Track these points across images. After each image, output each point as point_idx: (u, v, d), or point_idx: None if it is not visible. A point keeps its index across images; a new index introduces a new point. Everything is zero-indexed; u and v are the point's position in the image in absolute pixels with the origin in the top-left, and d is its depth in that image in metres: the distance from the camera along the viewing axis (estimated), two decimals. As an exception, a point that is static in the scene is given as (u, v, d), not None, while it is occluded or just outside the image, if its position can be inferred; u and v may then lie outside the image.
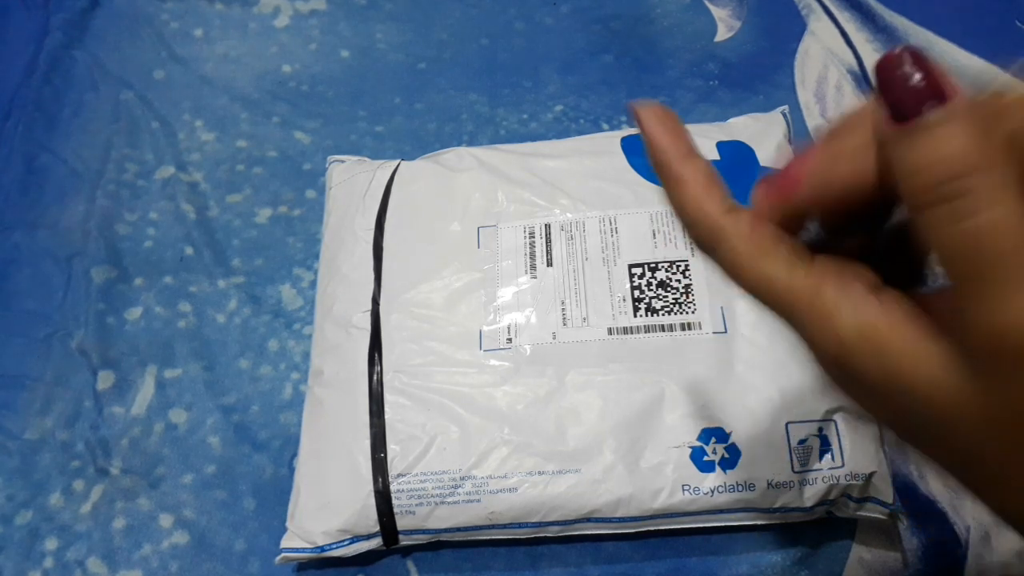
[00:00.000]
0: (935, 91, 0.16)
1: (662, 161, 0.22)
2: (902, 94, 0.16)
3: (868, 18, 0.60)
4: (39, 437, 0.45)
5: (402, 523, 0.39)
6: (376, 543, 0.39)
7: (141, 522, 0.43)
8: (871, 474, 0.38)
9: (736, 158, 0.46)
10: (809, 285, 0.20)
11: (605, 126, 0.55)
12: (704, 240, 0.21)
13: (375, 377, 0.41)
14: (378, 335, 0.42)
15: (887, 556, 0.40)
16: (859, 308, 0.19)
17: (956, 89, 0.16)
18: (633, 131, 0.48)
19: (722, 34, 0.60)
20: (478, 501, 0.38)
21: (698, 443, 0.38)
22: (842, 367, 0.20)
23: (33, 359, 0.48)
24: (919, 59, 0.16)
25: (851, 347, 0.19)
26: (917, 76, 0.16)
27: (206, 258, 0.51)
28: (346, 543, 0.39)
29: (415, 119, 0.56)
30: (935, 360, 0.18)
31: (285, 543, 0.39)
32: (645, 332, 0.41)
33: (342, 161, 0.50)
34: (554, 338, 0.41)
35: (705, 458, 0.38)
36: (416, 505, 0.38)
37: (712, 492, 0.38)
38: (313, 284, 0.49)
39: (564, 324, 0.41)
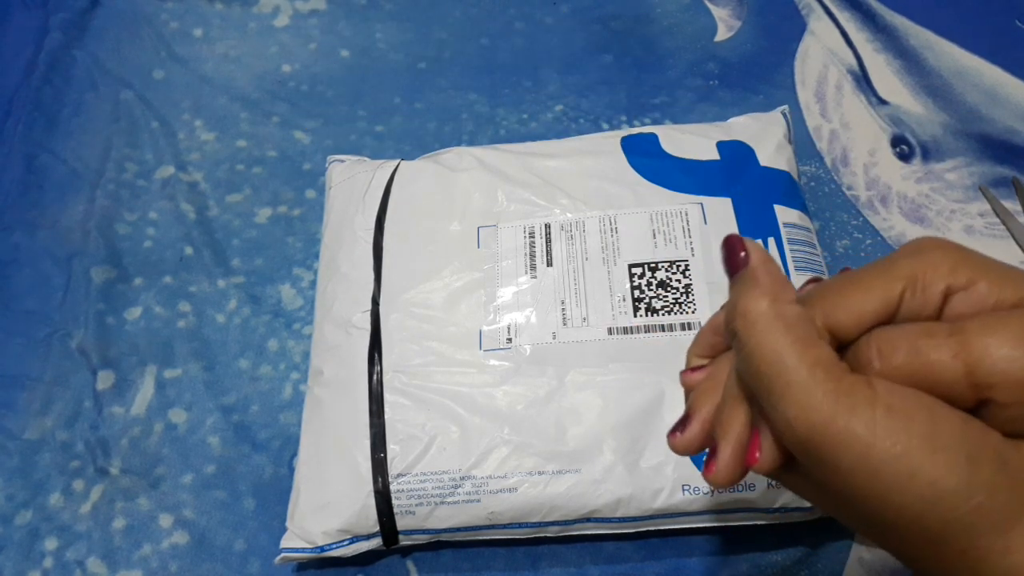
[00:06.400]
0: (743, 261, 0.23)
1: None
2: (730, 261, 0.24)
3: (868, 18, 0.60)
4: (39, 437, 0.45)
5: (402, 523, 0.39)
6: (376, 543, 0.39)
7: (141, 522, 0.43)
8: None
9: (736, 158, 0.46)
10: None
11: (605, 126, 0.55)
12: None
13: (375, 377, 0.41)
14: (378, 335, 0.42)
15: (887, 556, 0.40)
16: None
17: (750, 259, 0.23)
18: (633, 131, 0.48)
19: (722, 34, 0.60)
20: (478, 501, 0.38)
21: (698, 443, 0.38)
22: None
23: (33, 359, 0.48)
24: (741, 241, 0.24)
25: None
26: (740, 254, 0.23)
27: (206, 258, 0.51)
28: (346, 543, 0.39)
29: (415, 119, 0.56)
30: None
31: (285, 543, 0.39)
32: (645, 332, 0.41)
33: (342, 161, 0.50)
34: (554, 338, 0.41)
35: (705, 458, 0.38)
36: (416, 505, 0.38)
37: (712, 492, 0.38)
38: (313, 284, 0.49)
39: (564, 324, 0.41)
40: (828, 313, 0.22)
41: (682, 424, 0.25)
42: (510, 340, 0.41)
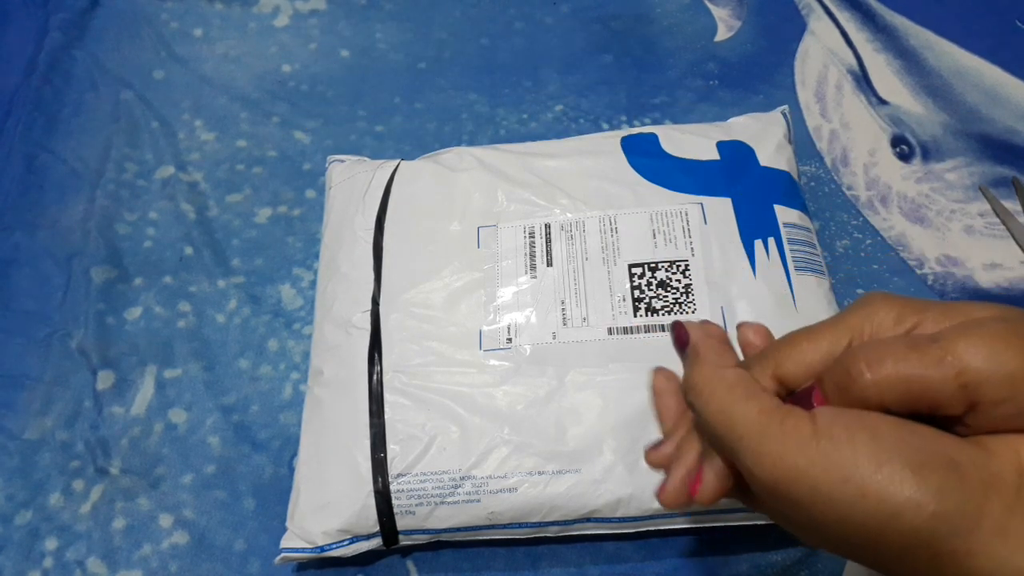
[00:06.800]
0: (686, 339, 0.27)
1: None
2: (677, 342, 0.27)
3: (868, 18, 0.60)
4: (39, 437, 0.45)
5: (402, 523, 0.39)
6: (376, 543, 0.39)
7: (141, 522, 0.43)
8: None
9: (736, 158, 0.46)
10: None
11: (605, 126, 0.55)
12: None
13: (375, 377, 0.41)
14: (378, 335, 0.42)
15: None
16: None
17: (690, 337, 0.27)
18: (633, 131, 0.48)
19: (722, 34, 0.60)
20: (478, 501, 0.38)
21: (698, 443, 0.38)
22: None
23: (33, 359, 0.48)
24: (681, 324, 0.27)
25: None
26: (676, 335, 0.27)
27: (206, 258, 0.51)
28: (346, 543, 0.39)
29: (415, 119, 0.56)
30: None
31: (285, 543, 0.39)
32: (645, 332, 0.41)
33: (342, 161, 0.50)
34: (554, 338, 0.41)
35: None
36: (416, 505, 0.38)
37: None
38: (313, 284, 0.49)
39: (564, 324, 0.41)
40: (779, 364, 0.24)
41: (658, 444, 0.28)
42: (510, 340, 0.41)
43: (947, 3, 0.60)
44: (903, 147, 0.54)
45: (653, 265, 0.42)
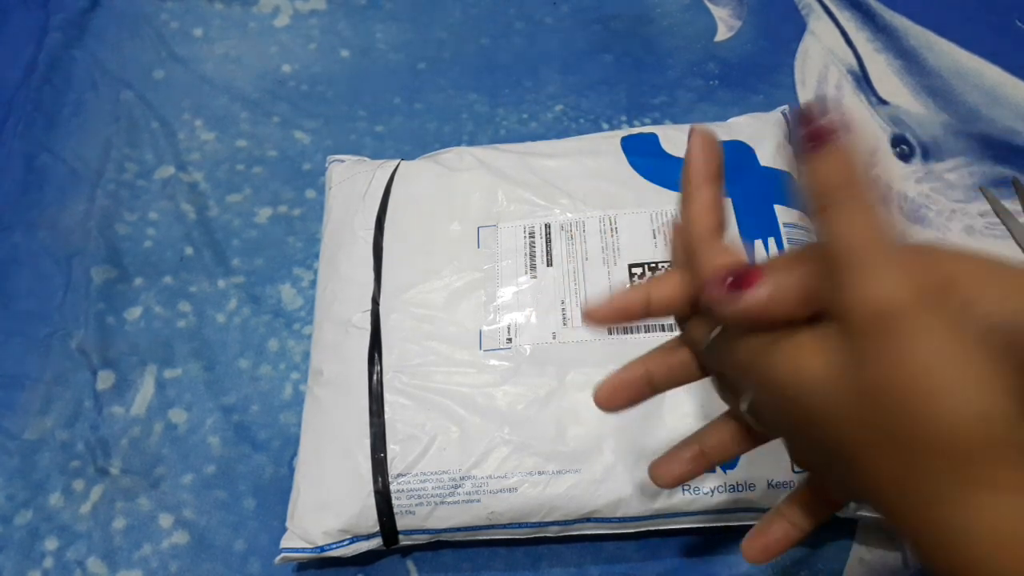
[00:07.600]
0: (836, 128, 0.22)
1: (690, 174, 0.27)
2: (818, 131, 0.22)
3: (868, 18, 0.60)
4: (39, 437, 0.45)
5: (402, 523, 0.39)
6: (376, 543, 0.39)
7: (141, 522, 0.43)
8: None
9: (736, 158, 0.46)
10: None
11: (605, 126, 0.55)
12: (684, 244, 0.27)
13: (375, 377, 0.41)
14: (378, 335, 0.42)
15: (887, 556, 0.40)
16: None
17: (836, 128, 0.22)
18: (633, 131, 0.48)
19: (722, 34, 0.60)
20: (478, 501, 0.38)
21: (698, 443, 0.38)
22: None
23: (33, 359, 0.48)
24: (823, 108, 0.22)
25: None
26: (828, 121, 0.22)
27: (206, 258, 0.51)
28: (346, 543, 0.39)
29: (415, 119, 0.56)
30: (819, 345, 0.22)
31: (285, 543, 0.39)
32: (645, 332, 0.41)
33: (342, 161, 0.50)
34: (554, 338, 0.41)
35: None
36: (416, 505, 0.38)
37: (712, 492, 0.38)
38: (313, 284, 0.49)
39: (564, 324, 0.41)
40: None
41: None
42: (510, 340, 0.41)
43: (947, 3, 0.60)
44: (903, 147, 0.54)
45: (653, 265, 0.42)
